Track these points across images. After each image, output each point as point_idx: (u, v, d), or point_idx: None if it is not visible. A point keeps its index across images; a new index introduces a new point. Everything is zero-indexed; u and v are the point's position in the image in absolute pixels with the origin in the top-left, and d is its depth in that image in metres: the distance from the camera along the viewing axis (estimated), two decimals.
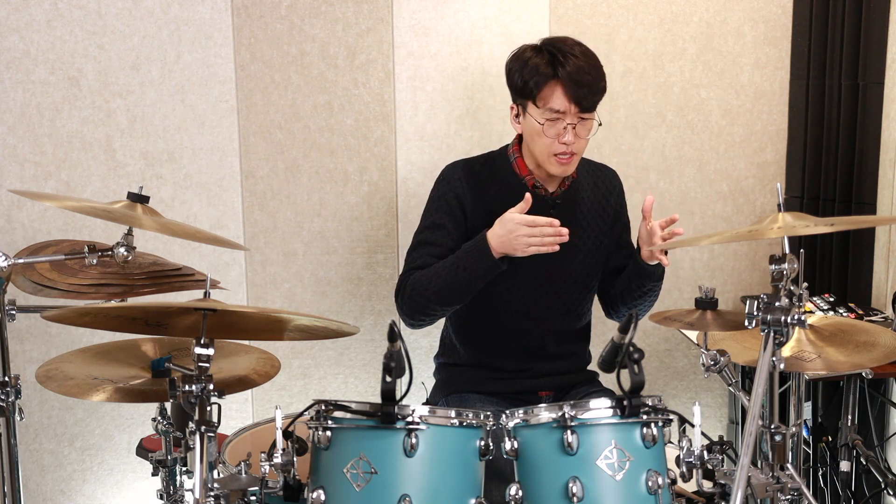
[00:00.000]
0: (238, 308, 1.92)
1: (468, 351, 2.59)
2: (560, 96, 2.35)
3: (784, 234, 1.85)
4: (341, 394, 3.08)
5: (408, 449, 1.81)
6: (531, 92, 2.38)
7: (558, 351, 2.58)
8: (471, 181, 2.50)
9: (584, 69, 2.35)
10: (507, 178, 2.49)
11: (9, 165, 2.85)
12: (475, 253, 2.37)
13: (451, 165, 2.55)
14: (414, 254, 2.50)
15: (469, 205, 2.47)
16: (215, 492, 1.85)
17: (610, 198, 2.61)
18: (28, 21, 2.80)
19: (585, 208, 2.55)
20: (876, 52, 2.96)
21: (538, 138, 2.40)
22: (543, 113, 2.37)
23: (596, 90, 2.38)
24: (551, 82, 2.36)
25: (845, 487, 2.79)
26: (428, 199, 2.54)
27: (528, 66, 2.39)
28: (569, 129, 2.37)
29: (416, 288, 2.42)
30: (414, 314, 2.46)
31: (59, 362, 2.22)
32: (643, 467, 1.83)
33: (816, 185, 3.13)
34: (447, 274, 2.39)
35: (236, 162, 2.96)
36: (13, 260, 1.99)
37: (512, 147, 2.53)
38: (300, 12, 2.91)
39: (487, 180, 2.49)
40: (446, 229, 2.46)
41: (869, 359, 2.14)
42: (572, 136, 2.37)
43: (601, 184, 2.61)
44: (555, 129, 2.37)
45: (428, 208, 2.53)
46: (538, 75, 2.37)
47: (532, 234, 2.31)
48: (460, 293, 2.41)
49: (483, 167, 2.53)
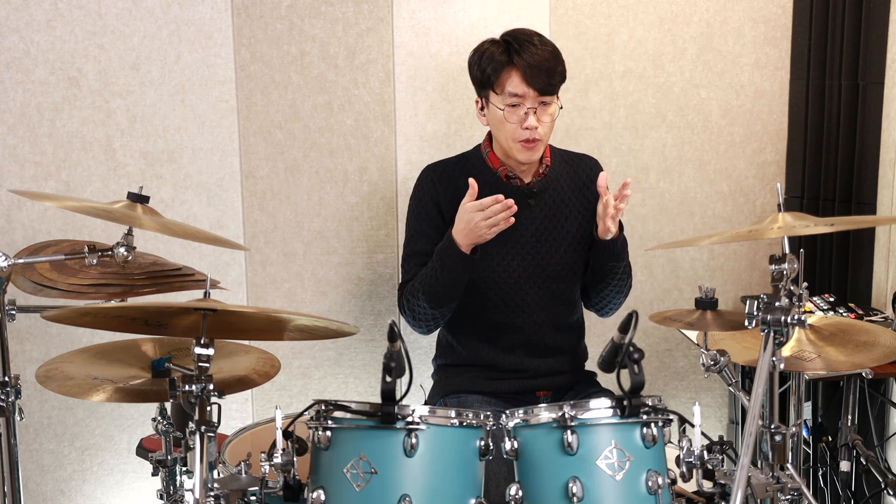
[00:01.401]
0: (238, 308, 1.92)
1: (465, 349, 2.60)
2: (517, 81, 2.41)
3: (784, 234, 1.85)
4: (341, 394, 3.08)
5: (408, 449, 1.81)
6: (489, 80, 2.44)
7: (556, 344, 2.59)
8: (445, 182, 2.55)
9: (539, 54, 2.41)
10: (481, 173, 2.51)
11: (9, 165, 2.85)
12: (446, 252, 2.43)
13: (426, 168, 2.62)
14: (405, 266, 2.59)
15: (446, 206, 2.52)
16: (215, 492, 1.85)
17: (591, 185, 2.62)
18: (28, 21, 2.80)
19: (566, 196, 2.57)
20: (876, 52, 2.96)
21: (501, 126, 2.45)
22: (503, 99, 2.43)
23: (552, 73, 2.42)
24: (507, 68, 2.42)
25: (845, 487, 2.79)
26: (409, 204, 2.62)
27: (485, 56, 2.46)
28: (530, 113, 2.41)
29: (410, 299, 2.51)
30: (419, 322, 2.54)
31: (59, 362, 2.22)
32: (643, 467, 1.83)
33: (816, 185, 3.13)
34: (429, 279, 2.46)
35: (236, 162, 2.96)
36: (13, 260, 1.99)
37: (483, 143, 2.58)
38: (300, 12, 2.91)
39: (462, 179, 2.51)
40: (427, 235, 2.52)
41: (869, 359, 2.14)
42: (534, 121, 2.41)
43: (581, 172, 2.63)
44: (516, 115, 2.42)
45: (409, 214, 2.62)
46: (494, 62, 2.43)
47: (486, 216, 2.36)
48: (447, 293, 2.47)
49: (457, 166, 2.58)
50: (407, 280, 2.56)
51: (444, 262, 2.44)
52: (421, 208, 2.57)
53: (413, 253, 2.57)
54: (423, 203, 2.57)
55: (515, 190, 2.51)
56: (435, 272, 2.45)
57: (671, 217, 3.16)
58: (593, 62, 3.04)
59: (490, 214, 2.35)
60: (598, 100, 3.06)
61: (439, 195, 2.54)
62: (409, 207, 2.62)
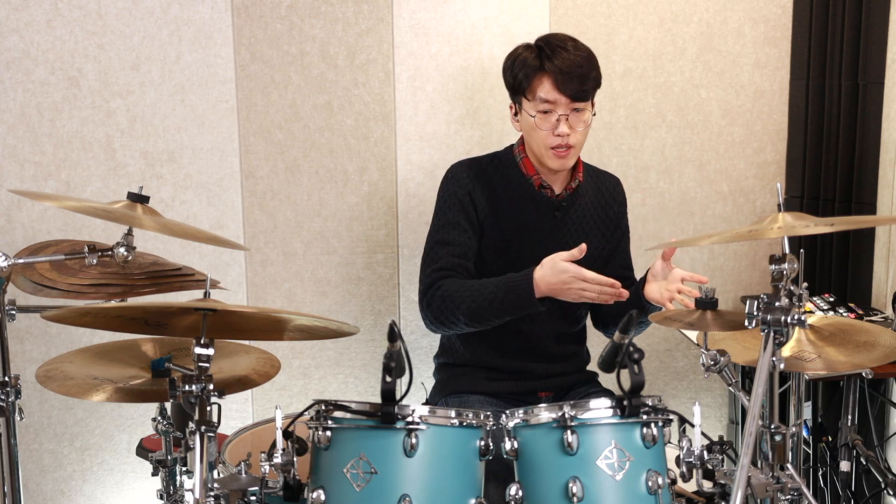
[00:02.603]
0: (238, 308, 1.91)
1: (467, 351, 2.59)
2: (549, 87, 2.37)
3: (784, 234, 1.84)
4: (341, 394, 3.08)
5: (408, 449, 1.81)
6: (522, 86, 2.41)
7: (558, 352, 2.58)
8: (479, 178, 2.50)
9: (573, 60, 2.37)
10: (514, 177, 2.49)
11: (9, 165, 2.85)
12: (518, 290, 2.35)
13: (456, 164, 2.55)
14: (433, 254, 2.48)
15: (480, 201, 2.47)
16: (215, 492, 1.85)
17: (613, 205, 2.61)
18: (28, 21, 2.80)
19: (588, 213, 2.55)
20: (876, 52, 2.96)
21: (534, 133, 2.42)
22: (535, 105, 2.39)
23: (585, 80, 2.38)
24: (539, 74, 2.39)
25: (845, 487, 2.79)
26: (438, 199, 2.54)
27: (518, 62, 2.43)
28: (562, 120, 2.38)
29: (447, 299, 2.40)
30: (439, 322, 2.44)
31: (59, 362, 2.22)
32: (643, 467, 1.83)
33: (816, 185, 3.13)
34: (483, 299, 2.37)
35: (236, 162, 2.96)
36: (13, 260, 1.99)
37: (517, 147, 2.53)
38: (300, 12, 2.91)
39: (495, 178, 2.48)
40: (462, 227, 2.46)
41: (869, 359, 2.13)
42: (566, 128, 2.38)
43: (604, 190, 2.61)
44: (548, 122, 2.39)
45: (440, 207, 2.52)
46: (527, 68, 2.40)
47: (587, 287, 2.30)
48: (491, 320, 2.40)
49: (490, 166, 2.53)
50: (438, 268, 2.44)
51: (509, 296, 2.35)
52: (455, 199, 2.48)
53: (443, 241, 2.47)
54: (457, 195, 2.48)
55: (545, 200, 2.48)
56: (492, 299, 2.36)
57: (671, 217, 3.16)
58: None
59: (596, 290, 2.29)
60: (598, 100, 3.04)
61: (476, 190, 2.47)
62: (440, 200, 2.52)
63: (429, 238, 2.52)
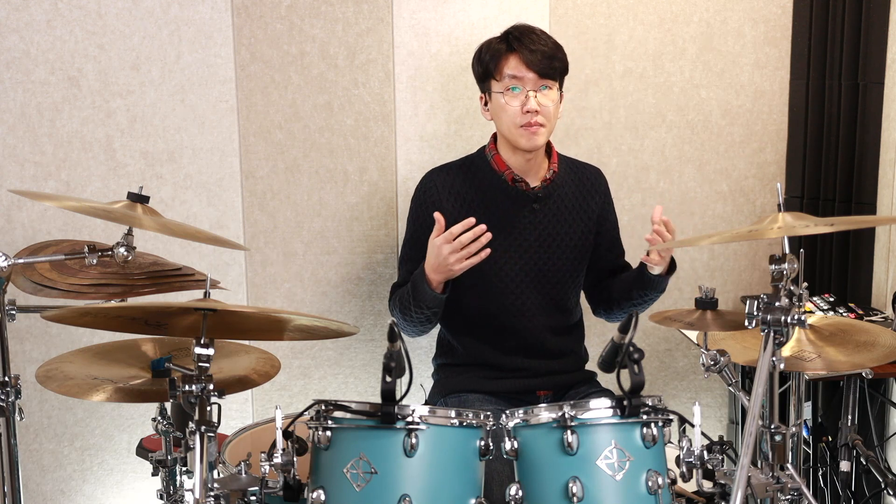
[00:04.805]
0: (238, 308, 1.92)
1: (465, 350, 2.60)
2: (516, 63, 2.42)
3: (784, 234, 1.85)
4: (341, 394, 3.08)
5: (408, 449, 1.81)
6: (489, 69, 2.46)
7: (554, 347, 2.59)
8: (448, 187, 2.53)
9: (539, 41, 2.43)
10: (486, 175, 2.51)
11: (9, 165, 2.85)
12: (418, 287, 2.41)
13: (428, 173, 2.61)
14: (399, 269, 2.61)
15: (450, 211, 2.48)
16: (215, 492, 1.85)
17: (595, 195, 2.63)
18: (28, 21, 2.80)
19: (569, 203, 2.57)
20: (876, 52, 2.96)
21: (503, 113, 2.45)
22: (504, 84, 2.44)
23: (552, 59, 2.43)
24: (507, 54, 2.44)
25: (845, 487, 2.79)
26: (409, 207, 2.61)
27: (485, 49, 2.50)
28: (530, 96, 2.40)
29: (393, 312, 2.52)
30: (405, 330, 2.52)
31: (59, 362, 2.22)
32: (643, 467, 1.83)
33: (816, 185, 3.13)
34: (403, 307, 2.47)
35: (236, 162, 2.96)
36: (13, 260, 1.99)
37: (488, 146, 2.57)
38: (300, 12, 2.91)
39: (466, 183, 2.50)
40: (421, 243, 2.48)
41: (869, 359, 2.14)
42: (535, 104, 2.40)
43: (585, 181, 2.63)
44: (517, 99, 2.42)
45: (408, 219, 2.61)
46: (493, 51, 2.47)
47: (454, 248, 2.31)
48: (421, 321, 2.47)
49: (460, 170, 2.57)
50: (396, 284, 2.57)
51: (416, 295, 2.42)
52: (419, 213, 2.55)
53: (406, 258, 2.57)
54: (422, 209, 2.54)
55: (521, 194, 2.50)
56: (409, 301, 2.44)
57: (671, 217, 3.10)
58: (593, 62, 3.04)
59: (458, 246, 2.30)
60: (598, 100, 3.06)
61: (442, 201, 2.51)
62: (410, 211, 2.61)
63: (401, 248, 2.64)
